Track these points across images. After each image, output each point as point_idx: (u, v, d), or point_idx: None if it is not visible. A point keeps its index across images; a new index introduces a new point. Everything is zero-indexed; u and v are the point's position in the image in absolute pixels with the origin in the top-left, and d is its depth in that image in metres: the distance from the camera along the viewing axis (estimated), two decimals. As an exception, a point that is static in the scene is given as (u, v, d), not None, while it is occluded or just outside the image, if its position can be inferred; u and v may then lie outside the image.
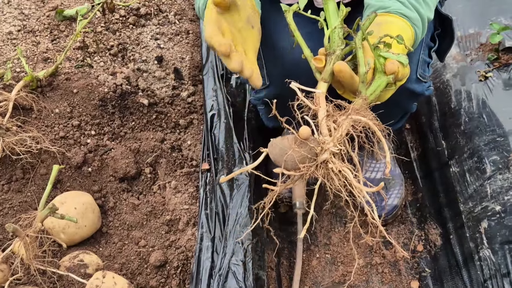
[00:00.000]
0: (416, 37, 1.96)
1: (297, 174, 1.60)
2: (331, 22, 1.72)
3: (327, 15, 1.74)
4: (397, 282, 2.63)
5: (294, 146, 1.57)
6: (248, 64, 1.80)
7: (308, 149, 1.56)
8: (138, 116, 3.00)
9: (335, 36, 1.69)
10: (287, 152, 1.57)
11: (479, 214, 2.50)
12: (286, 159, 1.57)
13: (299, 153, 1.56)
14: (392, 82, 1.68)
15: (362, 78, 1.64)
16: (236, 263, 2.23)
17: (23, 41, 3.32)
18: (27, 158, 2.60)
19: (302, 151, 1.56)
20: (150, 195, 2.74)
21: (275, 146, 1.62)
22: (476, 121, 2.76)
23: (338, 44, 1.68)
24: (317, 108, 1.60)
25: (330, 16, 1.73)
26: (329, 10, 1.74)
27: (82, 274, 2.27)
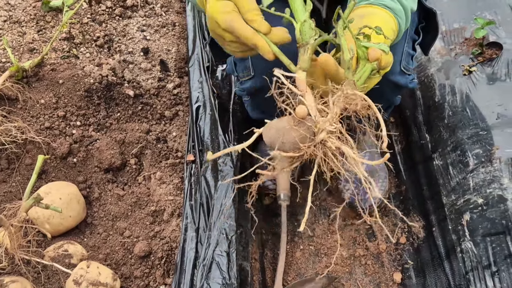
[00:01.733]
0: (399, 28, 1.97)
1: (296, 155, 1.59)
2: (299, 16, 1.72)
3: (294, 10, 1.74)
4: (380, 274, 2.65)
5: (292, 126, 1.56)
6: None
7: (306, 129, 1.55)
8: (124, 107, 3.00)
9: (306, 28, 1.70)
10: (284, 133, 1.56)
11: (462, 206, 2.52)
12: (284, 140, 1.57)
13: (297, 132, 1.55)
14: (376, 68, 1.69)
15: (348, 64, 1.64)
16: (220, 253, 2.24)
17: (9, 32, 3.31)
18: (12, 148, 2.60)
19: (300, 130, 1.55)
20: (135, 186, 2.75)
21: (270, 127, 1.62)
22: (459, 115, 2.78)
23: (310, 35, 1.68)
24: (304, 92, 1.60)
25: (297, 11, 1.73)
26: (295, 5, 1.74)
27: (66, 264, 2.28)
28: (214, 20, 1.76)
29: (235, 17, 1.73)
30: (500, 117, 2.67)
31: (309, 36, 1.67)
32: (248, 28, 1.72)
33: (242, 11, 1.75)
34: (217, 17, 1.74)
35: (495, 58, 2.93)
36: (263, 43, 1.70)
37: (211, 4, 1.77)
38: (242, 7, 1.76)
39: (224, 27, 1.74)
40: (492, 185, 2.47)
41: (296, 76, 1.64)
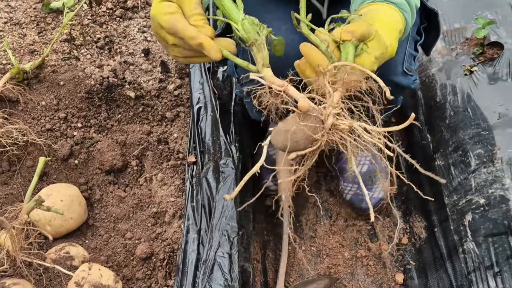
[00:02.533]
0: (406, 22, 1.94)
1: (314, 148, 1.56)
2: (235, 17, 1.70)
3: (227, 12, 1.72)
4: (382, 275, 2.64)
5: (300, 122, 1.54)
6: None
7: (313, 119, 1.53)
8: (125, 109, 3.00)
9: (247, 26, 1.68)
10: (295, 132, 1.53)
11: (464, 207, 2.51)
12: (297, 139, 1.54)
13: (307, 126, 1.53)
14: (357, 43, 1.66)
15: (328, 54, 1.62)
16: (222, 255, 2.24)
17: (10, 33, 3.31)
18: (13, 150, 2.60)
19: (309, 123, 1.53)
20: (136, 188, 2.75)
21: (278, 133, 1.58)
22: (461, 115, 2.78)
23: (256, 30, 1.67)
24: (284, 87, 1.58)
25: (231, 13, 1.71)
26: (227, 7, 1.72)
27: (68, 266, 2.28)
28: (157, 21, 1.73)
29: (179, 18, 1.70)
30: (501, 117, 2.67)
31: (255, 31, 1.65)
32: (192, 28, 1.69)
33: (186, 15, 1.73)
34: (159, 18, 1.71)
35: (496, 58, 2.93)
36: (209, 42, 1.67)
37: (154, 5, 1.75)
38: (186, 12, 1.74)
39: (167, 27, 1.70)
40: (494, 185, 2.47)
41: (263, 75, 1.62)
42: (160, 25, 1.72)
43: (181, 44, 1.73)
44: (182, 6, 1.73)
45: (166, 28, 1.71)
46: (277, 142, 1.60)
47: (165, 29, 1.71)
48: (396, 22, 1.88)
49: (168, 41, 1.75)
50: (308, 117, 1.54)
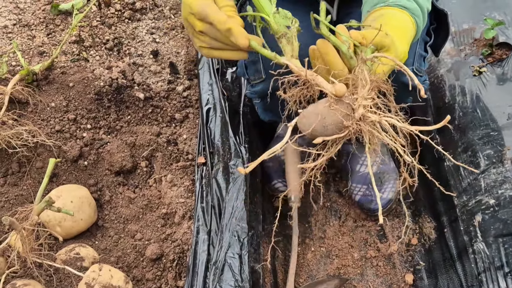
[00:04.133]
0: (417, 27, 1.95)
1: (341, 135, 1.57)
2: (267, 10, 1.71)
3: (259, 5, 1.73)
4: (391, 275, 2.64)
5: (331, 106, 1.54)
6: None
7: (345, 106, 1.54)
8: (134, 110, 3.01)
9: (279, 19, 1.69)
10: (325, 115, 1.54)
11: (473, 207, 2.51)
12: (325, 123, 1.54)
13: (339, 111, 1.53)
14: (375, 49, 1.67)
15: (349, 54, 1.63)
16: (232, 256, 2.24)
17: (19, 35, 3.32)
18: (23, 151, 2.60)
19: (342, 109, 1.53)
20: (146, 189, 2.75)
21: (308, 115, 1.59)
22: (470, 116, 2.77)
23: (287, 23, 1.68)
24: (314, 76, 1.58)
25: (264, 6, 1.72)
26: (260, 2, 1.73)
27: (78, 267, 2.28)
28: (188, 6, 1.73)
29: (210, 3, 1.71)
30: (510, 118, 2.66)
31: (286, 25, 1.66)
32: (222, 13, 1.69)
33: (218, 5, 1.74)
34: (191, 3, 1.72)
35: (505, 58, 2.93)
36: (238, 27, 1.67)
37: None
38: (218, 2, 1.74)
39: (197, 12, 1.70)
40: (504, 185, 2.46)
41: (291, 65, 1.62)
42: (191, 9, 1.72)
43: (209, 31, 1.73)
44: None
45: (196, 13, 1.71)
46: (305, 124, 1.60)
47: (195, 14, 1.72)
48: (408, 28, 1.89)
49: (196, 27, 1.75)
50: (340, 103, 1.55)
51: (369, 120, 1.55)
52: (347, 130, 1.56)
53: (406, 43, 1.83)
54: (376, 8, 1.92)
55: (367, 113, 1.54)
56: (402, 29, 1.85)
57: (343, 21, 1.76)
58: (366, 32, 1.68)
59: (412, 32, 1.91)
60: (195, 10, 1.71)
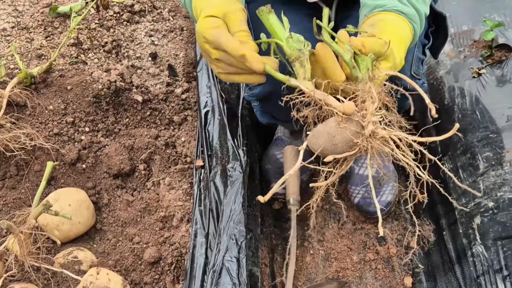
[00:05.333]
0: (414, 32, 1.95)
1: (351, 153, 1.58)
2: (281, 36, 1.72)
3: (272, 30, 1.74)
4: (390, 278, 2.64)
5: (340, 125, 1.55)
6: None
7: (355, 124, 1.55)
8: (132, 113, 3.00)
9: (292, 43, 1.69)
10: (335, 134, 1.55)
11: (472, 210, 2.51)
12: (336, 142, 1.55)
13: (349, 129, 1.54)
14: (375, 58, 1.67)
15: (352, 64, 1.63)
16: (230, 259, 2.24)
17: (17, 38, 3.32)
18: (21, 154, 2.60)
19: (351, 127, 1.54)
20: (144, 192, 2.75)
21: (319, 134, 1.60)
22: (469, 118, 2.77)
23: (299, 47, 1.68)
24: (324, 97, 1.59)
25: (275, 30, 1.73)
26: (273, 25, 1.74)
27: (76, 271, 2.28)
28: (202, 35, 1.74)
29: (223, 32, 1.71)
30: (510, 120, 2.66)
31: (298, 49, 1.67)
32: (235, 40, 1.70)
33: (232, 31, 1.74)
34: (204, 32, 1.73)
35: (505, 60, 2.93)
36: (252, 53, 1.67)
37: (200, 21, 1.77)
38: (231, 28, 1.75)
39: (211, 40, 1.71)
40: (503, 188, 2.46)
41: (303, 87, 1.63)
42: (205, 39, 1.73)
43: (224, 58, 1.74)
44: (227, 23, 1.75)
45: (211, 42, 1.72)
46: (315, 144, 1.61)
47: (209, 42, 1.73)
48: (405, 34, 1.89)
49: (212, 55, 1.75)
50: (349, 121, 1.56)
51: (379, 136, 1.56)
52: (358, 147, 1.57)
53: (403, 49, 1.83)
54: (374, 13, 1.92)
55: (377, 129, 1.55)
56: (400, 36, 1.85)
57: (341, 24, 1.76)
58: (366, 40, 1.68)
59: (409, 38, 1.91)
60: (210, 39, 1.72)
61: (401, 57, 1.81)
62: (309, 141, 1.63)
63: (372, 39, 1.70)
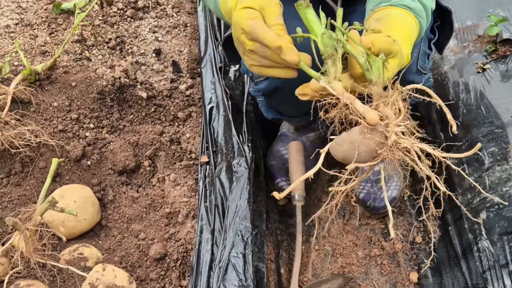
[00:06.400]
0: (420, 27, 1.95)
1: (374, 163, 1.59)
2: (316, 31, 1.71)
3: (309, 25, 1.72)
4: (396, 274, 2.64)
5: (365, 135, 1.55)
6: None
7: (379, 135, 1.55)
8: (137, 109, 3.00)
9: (326, 40, 1.68)
10: (359, 144, 1.55)
11: (478, 205, 2.50)
12: (359, 151, 1.55)
13: (373, 139, 1.55)
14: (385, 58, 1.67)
15: (366, 66, 1.63)
16: (236, 255, 2.23)
17: (21, 35, 3.31)
18: (26, 151, 2.59)
19: (375, 137, 1.55)
20: (149, 188, 2.74)
21: (342, 142, 1.60)
22: (474, 113, 2.76)
23: (333, 44, 1.67)
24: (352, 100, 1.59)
25: (312, 26, 1.72)
26: (310, 20, 1.73)
27: (82, 267, 2.28)
28: (239, 26, 1.73)
29: (260, 23, 1.71)
30: (515, 115, 2.66)
31: (332, 46, 1.66)
32: (271, 32, 1.69)
33: (268, 24, 1.73)
34: (241, 22, 1.72)
35: (509, 55, 2.92)
36: (288, 44, 1.67)
37: (237, 12, 1.76)
38: (268, 20, 1.74)
39: (248, 31, 1.70)
40: (509, 183, 2.46)
41: (334, 87, 1.62)
42: (242, 29, 1.72)
43: (259, 50, 1.73)
44: (264, 15, 1.75)
45: (247, 32, 1.71)
46: (338, 151, 1.61)
47: (246, 33, 1.72)
48: (411, 29, 1.88)
49: (247, 46, 1.74)
50: (374, 131, 1.56)
51: (401, 147, 1.56)
52: (380, 157, 1.57)
53: (409, 45, 1.83)
54: (380, 7, 1.91)
55: (399, 139, 1.55)
56: (406, 31, 1.85)
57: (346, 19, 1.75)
58: (374, 39, 1.67)
59: (415, 33, 1.91)
60: (247, 30, 1.71)
61: (408, 52, 1.80)
62: (331, 148, 1.63)
63: (381, 38, 1.69)
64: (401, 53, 1.72)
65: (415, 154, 1.58)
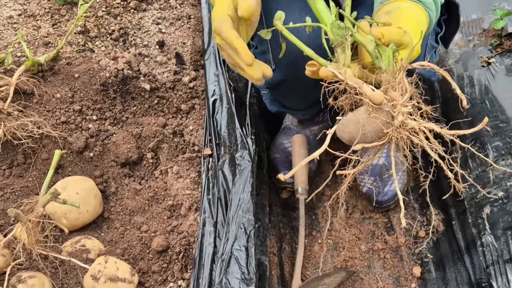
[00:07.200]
0: (430, 20, 1.94)
1: (380, 143, 1.58)
2: (326, 20, 1.71)
3: (318, 15, 1.73)
4: (399, 268, 2.63)
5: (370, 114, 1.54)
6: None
7: (385, 114, 1.54)
8: (140, 101, 2.99)
9: (335, 29, 1.68)
10: (364, 124, 1.55)
11: (482, 200, 2.49)
12: (365, 131, 1.55)
13: (379, 119, 1.54)
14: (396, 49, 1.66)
15: (375, 54, 1.62)
16: (238, 248, 2.23)
17: (24, 26, 3.31)
18: (29, 143, 2.59)
19: (381, 116, 1.54)
20: (152, 180, 2.74)
21: (347, 123, 1.60)
22: (478, 107, 2.75)
23: (342, 34, 1.67)
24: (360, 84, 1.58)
25: (321, 15, 1.72)
26: (319, 9, 1.73)
27: (84, 259, 2.27)
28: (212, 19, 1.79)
29: (226, 21, 1.75)
30: (520, 109, 2.65)
31: (342, 35, 1.66)
32: (233, 32, 1.74)
33: None
34: (214, 19, 1.78)
35: (514, 49, 2.91)
36: (243, 49, 1.72)
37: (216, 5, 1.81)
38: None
39: (215, 26, 1.76)
40: (513, 178, 2.45)
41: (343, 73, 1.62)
42: (214, 25, 1.78)
43: (224, 47, 1.78)
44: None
45: (215, 28, 1.77)
46: (344, 132, 1.61)
47: (215, 28, 1.77)
48: (421, 22, 1.88)
49: (216, 40, 1.80)
50: (379, 111, 1.55)
51: (408, 127, 1.56)
52: (387, 137, 1.56)
53: (419, 37, 1.83)
54: (389, 0, 1.91)
55: (407, 119, 1.54)
56: (416, 23, 1.84)
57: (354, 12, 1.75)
58: (384, 30, 1.67)
59: (425, 26, 1.90)
60: (214, 25, 1.77)
61: (418, 46, 1.80)
62: (338, 129, 1.63)
63: (391, 29, 1.69)
64: (412, 44, 1.71)
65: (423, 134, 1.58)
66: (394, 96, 1.56)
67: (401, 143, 1.57)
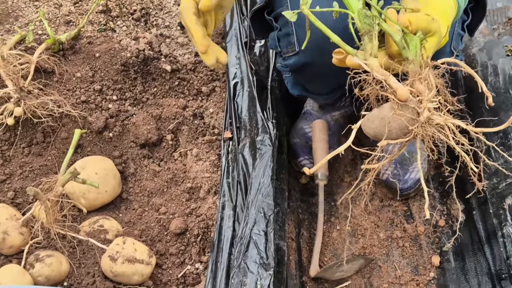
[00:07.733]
0: (458, 7, 1.92)
1: (405, 139, 1.58)
2: (353, 7, 1.68)
3: (347, 3, 1.71)
4: (417, 257, 2.61)
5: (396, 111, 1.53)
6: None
7: (410, 110, 1.53)
8: (160, 82, 2.98)
9: (362, 16, 1.66)
10: (390, 121, 1.54)
11: (504, 190, 2.47)
12: (390, 128, 1.55)
13: (404, 116, 1.53)
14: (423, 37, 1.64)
15: (403, 45, 1.61)
16: (258, 232, 2.21)
17: (45, 3, 3.30)
18: (48, 121, 2.58)
19: (406, 113, 1.53)
20: (171, 162, 2.73)
21: (372, 119, 1.59)
22: (502, 97, 2.73)
23: (369, 22, 1.65)
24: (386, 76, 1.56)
25: (349, 1, 1.70)
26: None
27: (102, 240, 2.27)
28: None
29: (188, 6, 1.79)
30: (543, 99, 2.63)
31: (369, 23, 1.63)
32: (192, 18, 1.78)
33: None
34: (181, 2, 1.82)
35: (540, 38, 2.89)
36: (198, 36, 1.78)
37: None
38: None
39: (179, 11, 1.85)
40: (536, 169, 2.42)
41: (369, 63, 1.60)
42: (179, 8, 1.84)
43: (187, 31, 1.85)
44: None
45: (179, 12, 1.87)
46: (369, 128, 1.61)
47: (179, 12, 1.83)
48: (450, 9, 1.85)
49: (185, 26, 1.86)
50: (405, 107, 1.54)
51: (434, 123, 1.55)
52: (412, 134, 1.56)
53: (446, 24, 1.80)
54: None
55: (432, 115, 1.54)
56: (444, 10, 1.82)
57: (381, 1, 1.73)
58: (412, 17, 1.65)
59: (453, 13, 1.88)
60: (179, 9, 1.82)
61: (446, 33, 1.77)
62: (363, 125, 1.62)
63: (419, 16, 1.66)
64: (440, 32, 1.69)
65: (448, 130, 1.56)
66: (421, 89, 1.54)
67: (427, 138, 1.56)
